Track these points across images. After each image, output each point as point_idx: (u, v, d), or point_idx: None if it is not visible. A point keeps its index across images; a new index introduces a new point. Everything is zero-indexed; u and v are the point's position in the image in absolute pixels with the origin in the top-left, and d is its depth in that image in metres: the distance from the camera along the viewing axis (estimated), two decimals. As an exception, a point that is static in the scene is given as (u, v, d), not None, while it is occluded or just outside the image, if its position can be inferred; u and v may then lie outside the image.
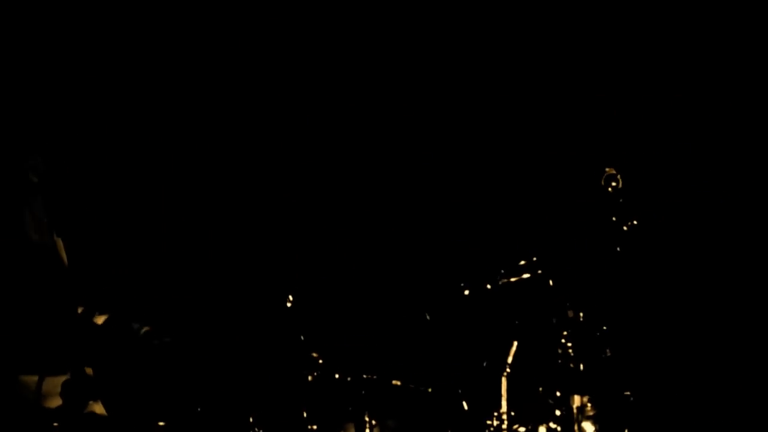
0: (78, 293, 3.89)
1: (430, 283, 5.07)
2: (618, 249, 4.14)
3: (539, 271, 4.12)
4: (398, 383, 4.13)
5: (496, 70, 5.95)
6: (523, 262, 4.16)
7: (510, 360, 4.09)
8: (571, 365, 4.05)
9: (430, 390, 4.16)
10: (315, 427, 3.99)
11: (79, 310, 3.88)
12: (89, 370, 3.73)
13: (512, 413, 4.10)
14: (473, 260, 5.15)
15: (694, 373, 5.16)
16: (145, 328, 3.95)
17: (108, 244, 5.55)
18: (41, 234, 3.81)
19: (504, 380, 4.07)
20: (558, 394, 4.07)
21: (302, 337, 4.17)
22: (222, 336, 4.95)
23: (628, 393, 4.15)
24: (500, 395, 4.07)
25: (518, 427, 4.09)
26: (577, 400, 4.05)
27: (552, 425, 4.05)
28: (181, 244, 5.84)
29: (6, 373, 3.58)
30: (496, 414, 4.08)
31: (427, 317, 4.33)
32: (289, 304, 4.19)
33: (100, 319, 3.83)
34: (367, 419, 3.99)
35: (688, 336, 5.27)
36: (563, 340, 4.06)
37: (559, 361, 4.08)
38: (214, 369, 4.12)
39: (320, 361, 4.06)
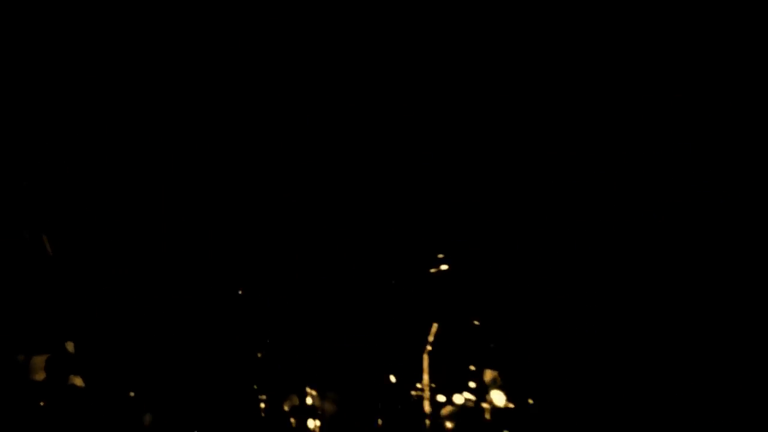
0: (61, 281, 4.43)
1: (365, 273, 5.50)
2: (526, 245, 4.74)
3: (456, 264, 4.71)
4: (335, 361, 4.71)
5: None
6: (441, 256, 4.74)
7: (431, 339, 4.70)
8: (484, 344, 4.67)
9: (363, 367, 4.73)
10: (264, 396, 4.58)
11: (62, 296, 4.43)
12: (70, 347, 4.31)
13: (433, 385, 4.71)
14: (401, 254, 5.54)
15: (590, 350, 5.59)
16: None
17: (91, 239, 5.77)
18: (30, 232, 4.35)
19: (426, 357, 4.68)
20: (472, 368, 4.67)
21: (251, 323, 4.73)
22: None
23: (532, 367, 4.74)
24: (422, 369, 4.69)
25: (438, 396, 4.70)
26: (488, 374, 4.67)
27: (467, 395, 4.67)
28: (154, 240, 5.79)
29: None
30: (419, 385, 4.69)
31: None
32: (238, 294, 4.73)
33: (78, 305, 4.40)
34: (308, 390, 4.58)
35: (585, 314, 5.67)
36: (476, 323, 4.67)
37: (473, 341, 4.69)
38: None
39: (268, 341, 4.64)
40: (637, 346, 5.04)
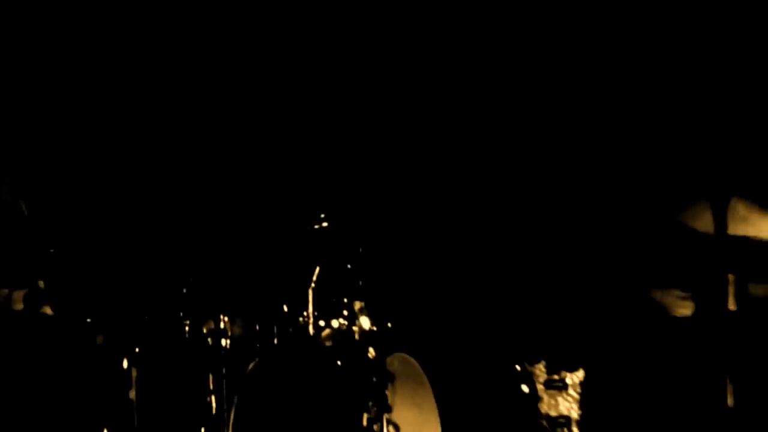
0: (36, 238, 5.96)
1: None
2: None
3: (335, 222, 6.16)
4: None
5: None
6: (323, 215, 6.20)
7: (314, 278, 6.21)
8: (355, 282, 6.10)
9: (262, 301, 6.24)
10: (188, 321, 6.15)
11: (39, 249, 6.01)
12: (41, 285, 5.92)
13: (315, 313, 6.11)
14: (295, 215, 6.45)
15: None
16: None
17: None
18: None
19: (310, 292, 6.18)
20: (345, 300, 5.99)
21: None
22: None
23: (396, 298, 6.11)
24: (308, 301, 6.19)
25: (319, 322, 6.19)
26: (357, 304, 6.07)
27: (341, 320, 6.10)
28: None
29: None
30: (305, 313, 6.12)
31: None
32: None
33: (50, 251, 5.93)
34: (222, 317, 6.12)
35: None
36: (349, 266, 6.11)
37: (347, 279, 6.12)
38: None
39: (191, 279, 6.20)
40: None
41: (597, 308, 5.51)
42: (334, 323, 6.00)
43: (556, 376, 5.65)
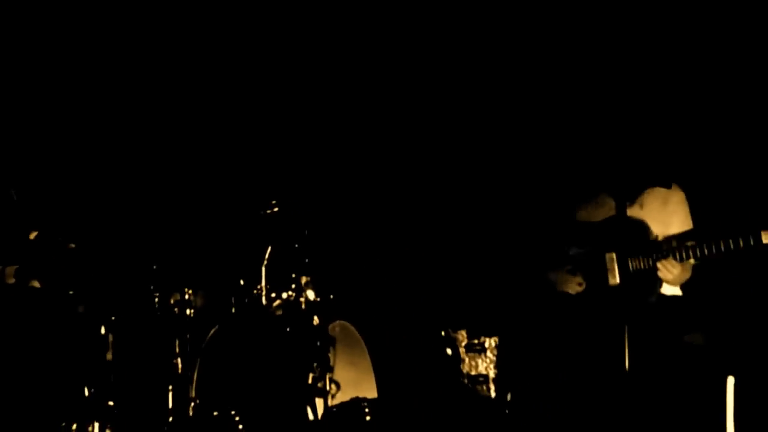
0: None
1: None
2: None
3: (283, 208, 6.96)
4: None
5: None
6: (274, 202, 7.02)
7: (266, 256, 7.02)
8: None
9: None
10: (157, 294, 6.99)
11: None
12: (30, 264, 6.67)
13: (267, 286, 6.85)
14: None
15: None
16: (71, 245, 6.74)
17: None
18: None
19: (263, 268, 6.90)
20: (293, 275, 6.75)
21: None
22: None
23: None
24: (261, 276, 6.99)
25: (271, 294, 6.94)
26: (303, 279, 6.76)
27: (290, 293, 6.83)
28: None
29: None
30: (258, 287, 6.86)
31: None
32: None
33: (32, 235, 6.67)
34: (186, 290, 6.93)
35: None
36: (296, 246, 6.93)
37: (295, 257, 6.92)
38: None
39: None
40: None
41: (507, 285, 5.97)
42: (284, 295, 6.44)
43: (475, 341, 6.38)
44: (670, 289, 5.19)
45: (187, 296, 6.49)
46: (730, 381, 5.13)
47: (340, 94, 6.90)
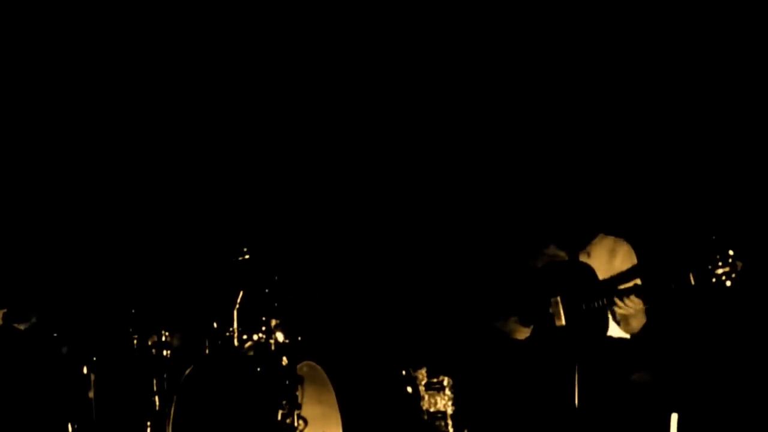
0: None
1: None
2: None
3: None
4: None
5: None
6: (246, 249, 7.38)
7: (238, 300, 7.09)
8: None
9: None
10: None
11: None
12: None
13: (239, 329, 6.95)
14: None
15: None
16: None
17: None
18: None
19: (235, 311, 6.94)
20: (263, 318, 6.94)
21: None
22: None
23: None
24: (233, 319, 7.05)
25: (242, 336, 7.21)
26: (273, 322, 6.85)
27: (260, 335, 6.99)
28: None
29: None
30: (231, 329, 6.94)
31: None
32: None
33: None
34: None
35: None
36: (267, 290, 7.29)
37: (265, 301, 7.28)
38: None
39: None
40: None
41: (464, 329, 6.18)
42: (255, 337, 6.57)
43: (434, 380, 6.46)
44: (617, 331, 5.28)
45: (164, 338, 6.64)
46: (674, 417, 5.16)
47: (306, 145, 7.19)
